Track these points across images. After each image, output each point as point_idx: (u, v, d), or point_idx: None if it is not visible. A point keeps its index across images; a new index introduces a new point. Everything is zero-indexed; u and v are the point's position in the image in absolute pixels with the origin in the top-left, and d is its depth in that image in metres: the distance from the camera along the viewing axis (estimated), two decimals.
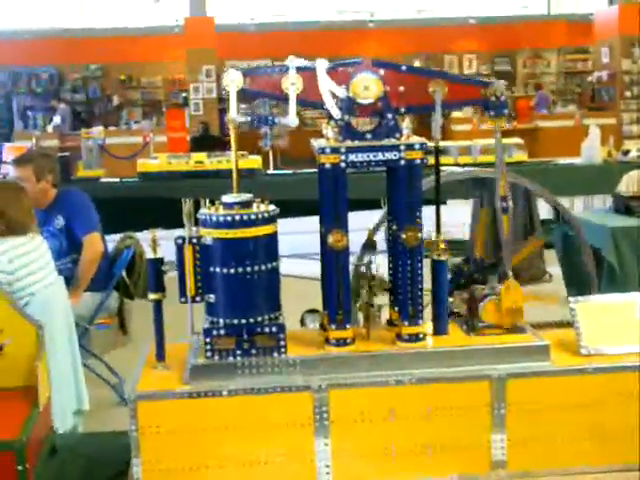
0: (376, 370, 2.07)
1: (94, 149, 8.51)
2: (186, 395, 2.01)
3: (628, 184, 7.49)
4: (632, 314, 2.20)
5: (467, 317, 2.26)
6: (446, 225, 7.47)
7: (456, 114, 16.16)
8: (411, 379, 2.05)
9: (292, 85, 2.12)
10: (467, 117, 15.86)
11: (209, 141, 12.97)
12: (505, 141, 9.73)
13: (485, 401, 2.06)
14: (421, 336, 2.14)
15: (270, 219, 2.11)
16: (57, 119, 15.33)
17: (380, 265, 2.25)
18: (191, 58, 16.06)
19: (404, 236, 2.12)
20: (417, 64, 19.48)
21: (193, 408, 2.00)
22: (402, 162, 2.11)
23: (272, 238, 2.12)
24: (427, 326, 2.20)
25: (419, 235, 2.13)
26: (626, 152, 8.89)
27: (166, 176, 8.12)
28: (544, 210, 8.18)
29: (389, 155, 2.11)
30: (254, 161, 7.84)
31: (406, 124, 2.15)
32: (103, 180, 8.11)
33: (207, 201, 2.15)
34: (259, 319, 2.08)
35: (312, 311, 2.33)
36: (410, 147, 2.11)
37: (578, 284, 5.87)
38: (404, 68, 2.20)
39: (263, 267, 2.08)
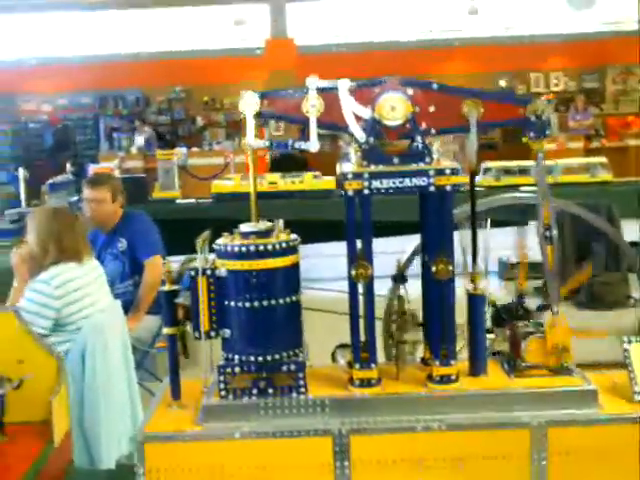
0: (403, 414, 1.90)
1: (171, 170, 8.59)
2: (196, 437, 1.88)
3: None
4: None
5: (508, 357, 2.07)
6: (527, 247, 7.14)
7: None
8: (440, 425, 1.87)
9: (312, 107, 1.98)
10: (553, 136, 15.43)
11: (289, 161, 12.96)
12: (589, 160, 9.38)
13: (524, 451, 1.86)
14: (453, 377, 1.96)
15: (290, 249, 1.97)
16: (140, 140, 15.61)
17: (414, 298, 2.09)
18: (272, 80, 16.14)
19: (434, 269, 1.95)
20: (503, 83, 19.16)
21: (203, 451, 1.88)
22: (432, 188, 1.95)
23: (292, 269, 1.98)
24: (462, 366, 2.02)
25: (450, 268, 1.95)
26: None
27: (239, 197, 8.11)
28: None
29: (417, 181, 1.95)
30: (328, 182, 7.72)
31: (437, 147, 1.98)
32: (179, 201, 8.16)
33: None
34: (277, 356, 1.94)
35: (345, 346, 2.17)
36: (440, 172, 1.94)
37: None
38: (435, 87, 2.04)
39: (282, 301, 1.94)
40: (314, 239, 7.85)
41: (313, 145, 2.00)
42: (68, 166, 10.98)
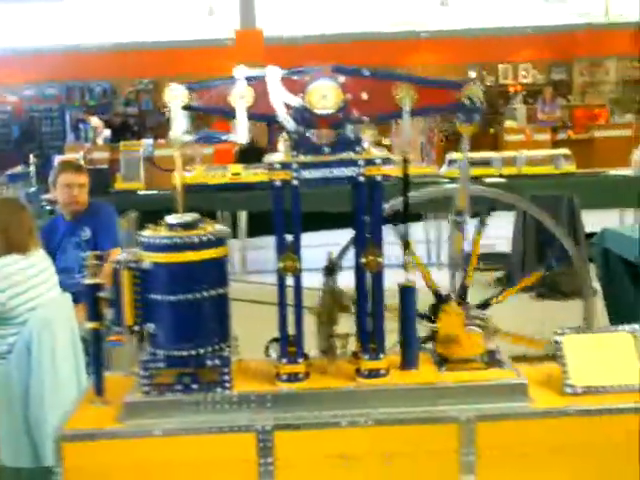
0: (329, 410, 1.86)
1: (134, 161, 8.49)
2: (116, 435, 1.83)
3: None
4: (627, 349, 1.95)
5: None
6: (490, 238, 7.16)
7: (509, 123, 15.79)
8: (367, 420, 1.83)
9: (241, 98, 1.93)
10: (521, 127, 15.48)
11: (255, 153, 12.90)
12: (553, 152, 9.39)
13: (451, 446, 1.83)
14: (383, 372, 1.92)
15: (217, 242, 1.92)
16: (107, 132, 15.44)
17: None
18: None
19: (364, 261, 1.91)
20: (472, 75, 19.18)
21: (124, 449, 1.82)
22: (361, 179, 1.90)
23: (219, 262, 1.93)
24: (394, 360, 1.98)
25: (380, 260, 1.91)
26: None
27: (202, 188, 8.03)
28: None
29: (347, 171, 1.90)
30: None
31: (368, 136, 1.94)
32: (141, 193, 8.06)
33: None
34: (202, 351, 1.89)
35: (278, 340, 2.13)
36: (371, 162, 1.90)
37: (616, 301, 5.55)
38: (367, 73, 1.99)
39: (207, 294, 1.89)
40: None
41: (241, 137, 1.94)
42: (31, 157, 10.83)
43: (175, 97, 1.94)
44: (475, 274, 7.09)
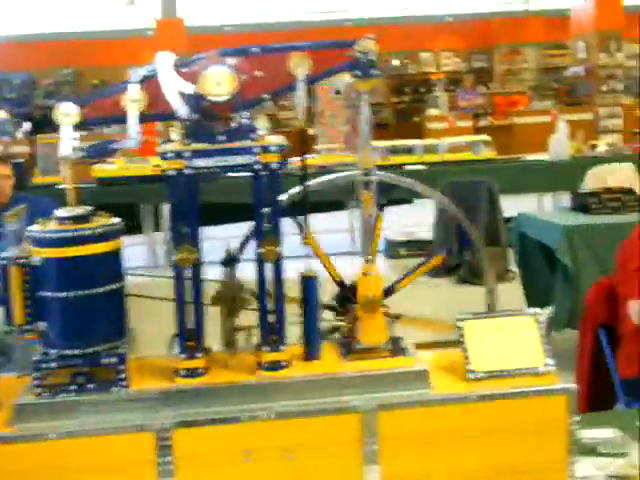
0: (230, 405, 1.82)
1: (53, 154, 8.27)
2: (7, 440, 1.75)
3: (592, 180, 7.27)
4: (529, 332, 1.95)
5: (345, 339, 2.01)
6: (411, 225, 7.19)
7: (432, 112, 15.95)
8: (269, 414, 1.79)
9: (133, 102, 1.86)
10: (443, 115, 15.65)
11: None
12: (473, 138, 9.51)
13: (354, 436, 1.80)
14: (284, 364, 1.89)
15: (111, 235, 1.86)
16: (27, 125, 15.05)
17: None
18: None
19: (262, 251, 1.87)
20: (396, 63, 19.30)
21: (16, 454, 1.75)
22: (257, 166, 1.86)
23: (113, 256, 1.86)
24: (298, 351, 1.95)
25: (278, 250, 1.87)
26: (594, 147, 8.69)
27: (124, 181, 7.87)
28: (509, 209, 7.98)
29: (242, 159, 1.86)
30: None
31: (263, 123, 1.89)
32: (59, 187, 7.85)
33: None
34: (96, 349, 1.83)
35: None
36: (266, 149, 1.86)
37: (533, 284, 5.66)
38: (255, 50, 1.94)
39: (101, 290, 1.83)
40: (210, 221, 7.72)
41: (133, 142, 1.88)
42: None
43: (66, 115, 1.87)
44: (399, 261, 7.14)
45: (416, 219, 9.20)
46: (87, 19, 18.62)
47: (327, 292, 2.12)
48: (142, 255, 8.51)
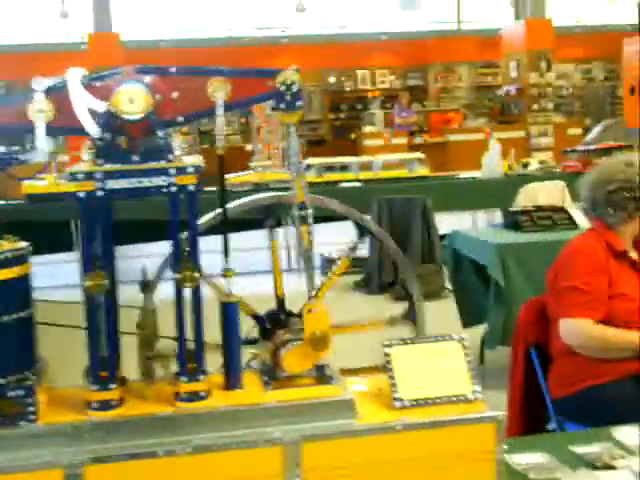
0: (146, 439, 1.72)
1: None
2: None
3: (524, 198, 7.35)
4: (456, 358, 1.90)
5: (268, 367, 1.93)
6: (348, 241, 7.12)
7: (368, 129, 16.05)
8: (185, 448, 1.70)
9: (39, 113, 1.76)
10: (379, 132, 15.75)
11: None
12: (407, 156, 9.56)
13: (277, 469, 1.73)
14: (203, 394, 1.80)
15: (16, 260, 1.75)
16: None
17: None
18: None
19: (179, 276, 1.78)
20: (332, 80, 19.38)
21: None
22: (173, 188, 1.78)
23: (19, 283, 1.76)
24: (218, 380, 1.87)
25: (196, 275, 1.79)
26: (526, 165, 8.80)
27: (54, 197, 7.67)
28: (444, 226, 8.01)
29: (157, 181, 1.77)
30: None
31: (180, 143, 1.81)
32: None
33: None
34: (2, 382, 1.71)
35: None
36: (182, 170, 1.78)
37: (467, 301, 5.66)
38: (174, 70, 1.86)
39: (7, 318, 1.72)
40: (134, 239, 7.56)
41: (40, 154, 1.78)
42: None
43: None
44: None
45: (353, 235, 9.17)
46: (20, 32, 18.27)
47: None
48: (73, 273, 8.31)
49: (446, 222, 8.02)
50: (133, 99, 1.77)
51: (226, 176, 1.92)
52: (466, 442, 1.78)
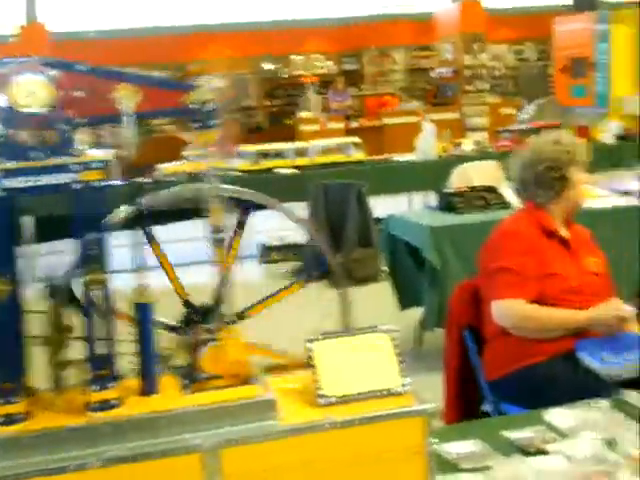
0: (56, 453, 1.62)
1: None
2: None
3: (458, 179, 7.35)
4: (384, 350, 1.84)
5: (187, 369, 1.84)
6: (285, 228, 7.02)
7: (304, 114, 15.94)
8: (97, 461, 1.61)
9: None
10: (315, 117, 15.65)
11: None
12: (342, 140, 9.48)
13: (195, 478, 1.64)
14: (114, 402, 1.70)
15: None
16: None
17: None
18: None
19: (86, 278, 1.68)
20: (268, 67, 19.20)
21: None
22: (77, 186, 1.67)
23: None
24: (133, 386, 1.77)
25: (103, 277, 1.68)
26: (460, 146, 8.83)
27: None
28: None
29: (61, 178, 1.66)
30: None
31: (83, 139, 1.71)
32: None
33: None
34: None
35: None
36: (86, 166, 1.67)
37: (403, 285, 5.64)
38: (83, 69, 1.75)
39: None
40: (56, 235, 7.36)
41: None
42: None
43: None
44: (273, 266, 6.99)
45: (289, 222, 9.11)
46: None
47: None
48: None
49: (383, 205, 7.99)
50: (34, 91, 1.66)
51: (159, 166, 1.82)
52: (395, 437, 1.72)
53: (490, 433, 2.18)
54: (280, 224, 9.57)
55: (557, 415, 2.19)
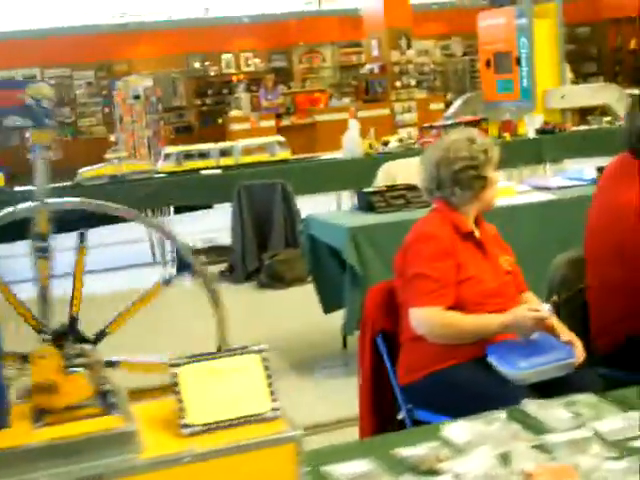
0: None
1: None
2: None
3: (383, 177, 7.28)
4: (255, 373, 1.72)
5: (41, 400, 1.69)
6: (211, 230, 6.90)
7: (235, 113, 15.78)
8: None
9: None
10: (246, 116, 15.51)
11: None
12: (267, 139, 9.35)
13: None
14: None
15: None
16: None
17: None
18: None
19: None
20: (197, 65, 18.95)
21: None
22: None
23: None
24: None
25: None
26: (386, 143, 8.77)
27: None
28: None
29: None
30: None
31: None
32: None
33: None
34: None
35: None
36: None
37: (325, 287, 5.54)
38: None
39: None
40: None
41: None
42: None
43: None
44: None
45: (217, 224, 8.97)
46: None
47: None
48: None
49: (311, 205, 7.89)
50: None
51: (80, 170, 1.67)
52: (263, 467, 1.60)
53: (384, 450, 2.07)
54: (209, 226, 9.45)
55: (454, 429, 2.09)
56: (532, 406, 2.22)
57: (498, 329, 2.89)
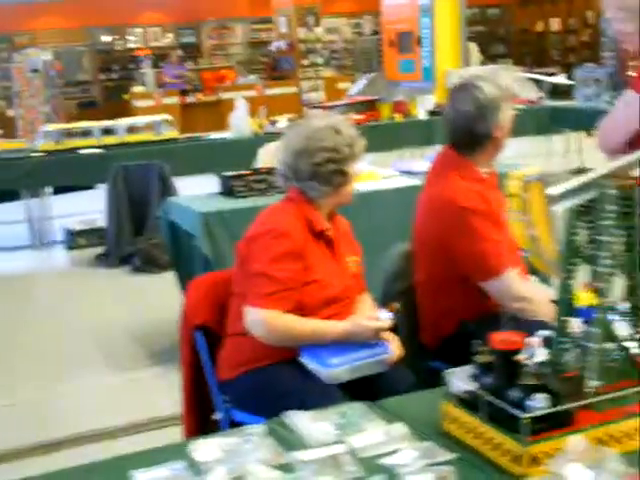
0: None
1: None
2: None
3: (264, 158, 7.04)
4: None
5: None
6: (92, 212, 6.48)
7: (139, 89, 15.36)
8: None
9: None
10: (149, 92, 15.11)
11: None
12: (154, 118, 9.01)
13: None
14: None
15: None
16: None
17: None
18: None
19: None
20: (103, 39, 18.39)
21: None
22: None
23: None
24: None
25: None
26: (274, 123, 8.54)
27: None
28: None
29: None
30: None
31: None
32: None
33: None
34: None
35: None
36: None
37: (187, 274, 5.31)
38: None
39: None
40: None
41: None
42: None
43: None
44: (80, 252, 6.41)
45: (98, 205, 8.64)
46: None
47: None
48: None
49: (196, 188, 7.63)
50: None
51: None
52: None
53: (119, 472, 1.84)
54: (87, 207, 9.10)
55: (201, 447, 1.90)
56: (297, 418, 2.03)
57: (337, 337, 2.72)
